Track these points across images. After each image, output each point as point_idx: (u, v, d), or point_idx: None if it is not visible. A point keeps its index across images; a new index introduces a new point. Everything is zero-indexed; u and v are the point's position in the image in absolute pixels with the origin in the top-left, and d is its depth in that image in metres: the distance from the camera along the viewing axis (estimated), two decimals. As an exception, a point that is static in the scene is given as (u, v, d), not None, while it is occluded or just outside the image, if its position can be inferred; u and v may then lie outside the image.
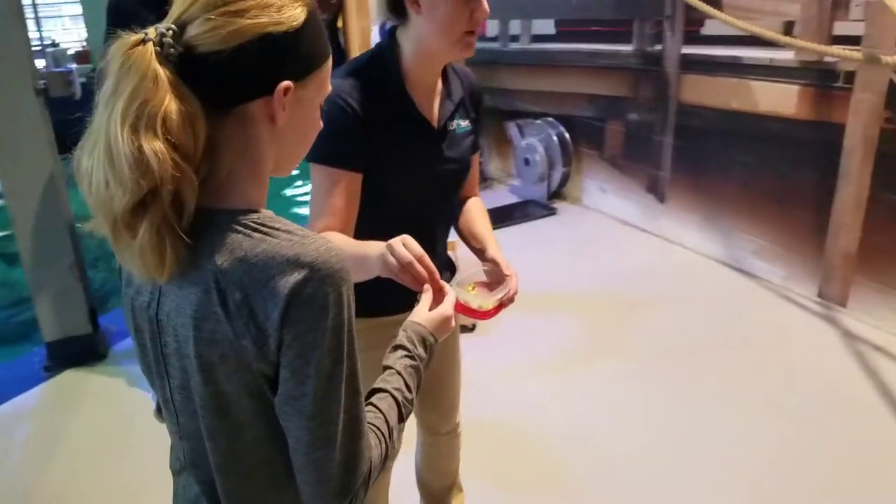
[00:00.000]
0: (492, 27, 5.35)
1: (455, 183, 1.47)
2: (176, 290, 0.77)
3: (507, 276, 1.34)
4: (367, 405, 0.88)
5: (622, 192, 4.60)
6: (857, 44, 2.94)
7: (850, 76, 3.03)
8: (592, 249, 4.21)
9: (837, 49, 2.78)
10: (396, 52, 1.34)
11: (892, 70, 2.79)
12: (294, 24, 0.76)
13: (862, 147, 3.03)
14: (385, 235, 1.16)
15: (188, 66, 0.73)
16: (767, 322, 3.26)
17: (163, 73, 0.71)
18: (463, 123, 1.44)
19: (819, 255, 3.31)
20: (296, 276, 0.73)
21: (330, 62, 0.84)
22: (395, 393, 0.92)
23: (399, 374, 0.94)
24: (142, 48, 0.71)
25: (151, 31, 0.72)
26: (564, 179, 4.96)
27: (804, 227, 3.38)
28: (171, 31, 0.72)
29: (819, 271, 3.33)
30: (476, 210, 1.55)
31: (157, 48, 0.71)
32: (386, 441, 0.87)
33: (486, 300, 1.28)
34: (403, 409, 0.92)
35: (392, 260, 1.11)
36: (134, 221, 0.71)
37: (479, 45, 1.33)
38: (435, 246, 1.47)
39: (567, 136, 4.87)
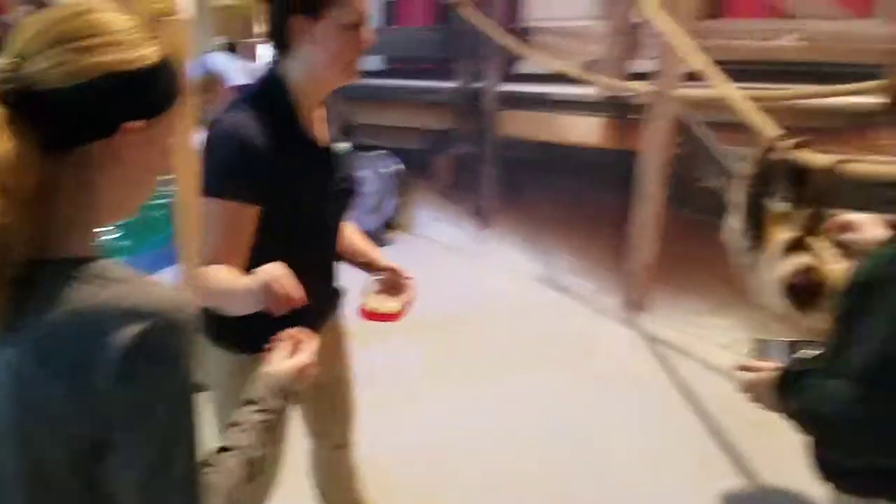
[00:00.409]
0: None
1: (348, 202, 1.52)
2: (6, 342, 0.69)
3: (406, 278, 1.48)
4: (215, 463, 0.83)
5: (452, 219, 4.77)
6: (651, 79, 3.36)
7: (643, 109, 3.44)
8: (426, 275, 4.25)
9: (631, 84, 3.16)
10: (285, 82, 1.35)
11: (679, 103, 3.21)
12: (144, 63, 0.74)
13: (656, 170, 3.44)
14: (290, 263, 1.20)
15: (26, 103, 0.68)
16: (579, 331, 3.50)
17: None
18: (342, 145, 1.49)
19: (623, 268, 3.66)
20: (134, 329, 0.68)
21: (181, 103, 0.81)
22: (247, 451, 0.87)
23: (250, 430, 0.90)
24: None
25: None
26: (398, 210, 5.05)
27: (611, 243, 3.73)
28: (9, 66, 0.68)
29: (623, 282, 3.67)
30: (351, 230, 1.60)
31: None
32: (225, 500, 0.81)
33: (393, 303, 1.42)
34: (254, 468, 0.88)
35: (273, 289, 1.16)
36: None
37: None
38: (332, 270, 1.53)
39: (400, 167, 4.99)
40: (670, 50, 3.05)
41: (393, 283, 1.50)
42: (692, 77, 3.07)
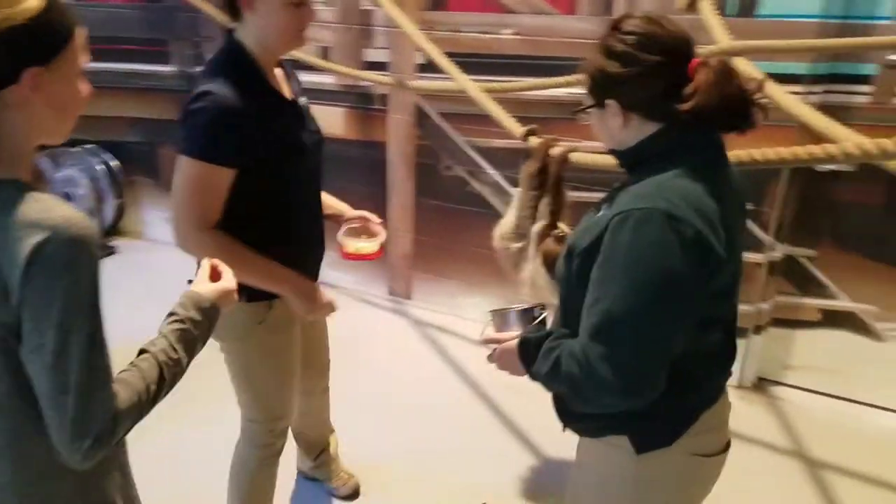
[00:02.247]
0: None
1: (321, 149, 1.70)
2: None
3: (376, 222, 1.76)
4: (132, 364, 0.98)
5: (187, 219, 4.34)
6: (387, 69, 3.36)
7: (384, 99, 3.45)
8: (167, 285, 3.86)
9: (368, 74, 3.12)
10: (244, 47, 1.51)
11: (417, 94, 3.27)
12: (28, 14, 0.83)
13: (402, 161, 3.50)
14: (286, 221, 1.59)
15: None
16: (351, 324, 3.50)
17: None
18: (304, 99, 1.67)
19: (384, 258, 3.70)
20: (37, 238, 0.82)
21: (79, 32, 0.92)
22: (158, 354, 1.01)
23: (165, 336, 1.04)
24: None
25: None
26: (120, 213, 4.44)
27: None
28: None
29: (386, 272, 3.73)
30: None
31: None
32: (140, 395, 0.95)
33: (371, 244, 1.65)
34: (165, 368, 1.00)
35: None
36: None
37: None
38: (321, 219, 1.74)
39: (115, 164, 4.37)
40: (403, 38, 3.06)
41: (364, 228, 1.75)
42: (425, 68, 3.14)
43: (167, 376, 1.00)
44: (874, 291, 2.74)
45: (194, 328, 1.07)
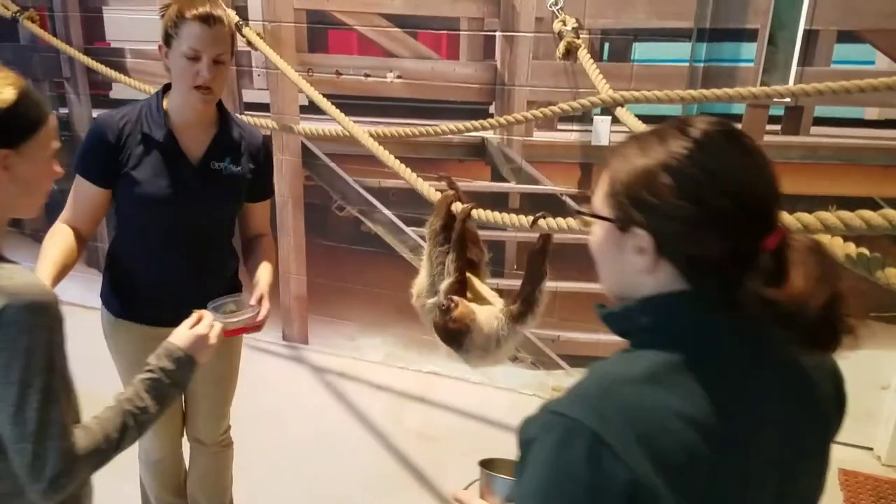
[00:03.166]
0: None
1: (213, 214, 1.78)
2: None
3: (250, 305, 1.69)
4: (98, 414, 1.09)
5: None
6: (269, 109, 3.21)
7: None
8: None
9: (249, 117, 2.96)
10: (163, 96, 1.72)
11: (303, 135, 3.14)
12: (2, 105, 0.96)
13: (292, 202, 3.36)
14: (147, 243, 1.76)
15: None
16: (242, 372, 3.32)
17: None
18: (234, 168, 1.75)
19: (277, 303, 3.54)
20: (0, 303, 0.93)
21: (50, 122, 1.04)
22: (124, 402, 1.11)
23: (133, 386, 1.15)
24: None
25: None
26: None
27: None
28: None
29: (279, 316, 3.57)
30: (265, 249, 1.88)
31: None
32: (99, 442, 1.05)
33: (225, 320, 1.55)
34: (129, 416, 1.10)
35: None
36: None
37: None
38: (207, 266, 1.79)
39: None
40: (283, 80, 2.95)
41: (243, 306, 1.71)
42: (309, 108, 3.02)
43: (131, 423, 1.10)
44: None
45: (165, 377, 1.18)
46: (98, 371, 1.82)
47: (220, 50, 1.62)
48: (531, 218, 1.59)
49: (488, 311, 1.60)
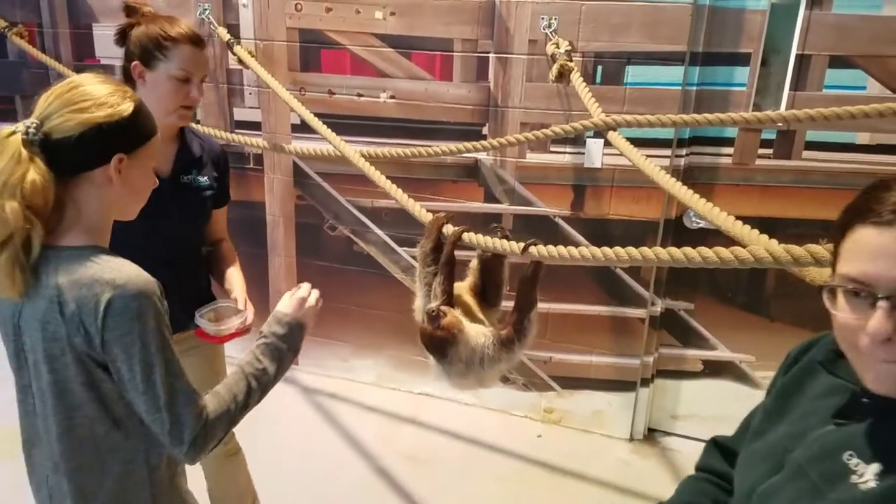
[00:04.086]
0: None
1: (185, 228, 1.79)
2: (30, 303, 1.11)
3: (238, 311, 1.73)
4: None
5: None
6: (260, 128, 3.19)
7: (259, 158, 3.28)
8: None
9: (242, 136, 2.95)
10: None
11: (294, 155, 3.12)
12: (124, 114, 1.11)
13: (283, 221, 3.33)
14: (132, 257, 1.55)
15: (47, 147, 1.07)
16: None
17: (26, 153, 1.04)
18: (202, 179, 1.77)
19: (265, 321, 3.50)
20: (110, 293, 1.06)
21: (157, 136, 1.19)
22: (245, 366, 1.24)
23: (252, 352, 1.27)
24: (13, 137, 1.05)
25: (20, 126, 1.06)
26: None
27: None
28: (33, 125, 1.06)
29: (270, 338, 3.53)
30: (228, 254, 1.93)
31: (24, 136, 1.05)
32: (228, 404, 1.18)
33: (218, 328, 1.66)
34: (250, 378, 1.23)
35: None
36: None
37: None
38: (179, 276, 1.64)
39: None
40: (275, 98, 2.93)
41: (231, 312, 1.73)
42: (301, 128, 3.00)
43: (254, 385, 1.23)
44: (750, 341, 2.86)
45: (278, 340, 1.29)
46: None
47: (207, 71, 1.67)
48: (522, 244, 1.57)
49: (477, 328, 1.58)
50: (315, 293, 1.42)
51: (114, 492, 1.18)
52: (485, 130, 2.89)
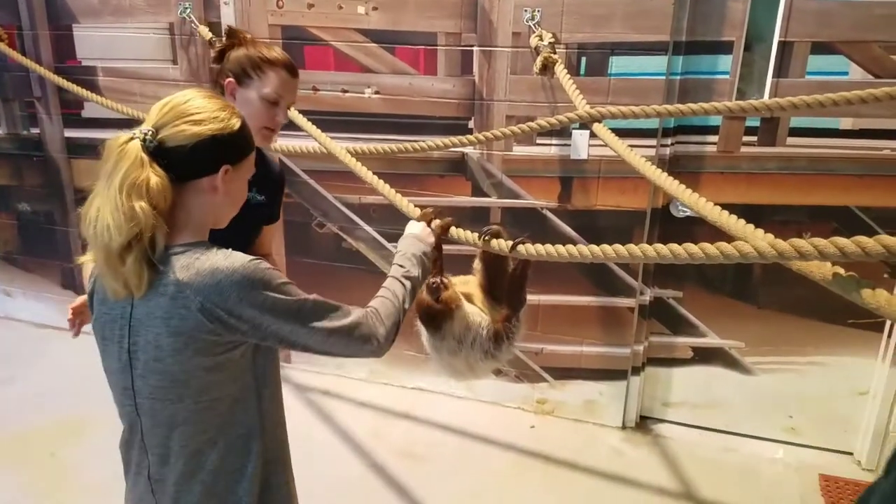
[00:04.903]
0: None
1: (239, 242, 1.72)
2: (145, 302, 1.16)
3: None
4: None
5: (33, 292, 3.94)
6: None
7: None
8: (16, 367, 3.47)
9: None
10: None
11: (280, 153, 3.10)
12: (233, 129, 1.20)
13: (269, 220, 3.31)
14: None
15: (162, 154, 1.14)
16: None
17: (146, 158, 1.12)
18: (259, 197, 1.77)
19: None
20: (232, 276, 1.14)
21: (254, 151, 1.28)
22: (393, 272, 1.43)
23: (393, 265, 1.46)
24: (132, 143, 1.13)
25: (137, 132, 1.14)
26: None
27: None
28: (150, 133, 1.14)
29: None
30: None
31: (142, 143, 1.13)
32: (392, 300, 1.35)
33: None
34: (403, 280, 1.41)
35: None
36: (125, 255, 1.12)
37: None
38: None
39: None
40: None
41: None
42: (284, 126, 2.98)
43: (407, 285, 1.40)
44: (739, 328, 2.88)
45: (410, 248, 1.49)
46: (87, 393, 1.76)
47: (295, 98, 1.74)
48: (510, 243, 1.58)
49: (474, 309, 1.59)
50: (433, 223, 1.60)
51: (224, 452, 1.25)
52: (471, 124, 2.88)
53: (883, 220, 2.60)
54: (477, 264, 1.75)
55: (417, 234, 1.54)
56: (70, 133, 3.60)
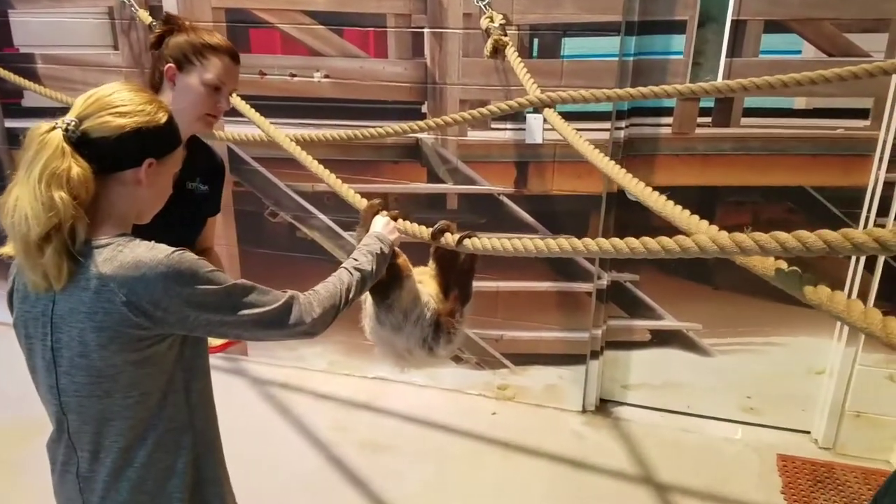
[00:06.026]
0: None
1: (184, 234, 1.73)
2: (67, 296, 1.13)
3: None
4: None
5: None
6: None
7: (192, 146, 3.15)
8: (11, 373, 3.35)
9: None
10: None
11: (225, 141, 3.00)
12: (159, 122, 1.18)
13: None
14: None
15: (84, 144, 1.12)
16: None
17: (68, 148, 1.10)
18: (202, 187, 1.76)
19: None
20: (157, 269, 1.12)
21: (181, 147, 1.27)
22: (344, 264, 1.45)
23: (350, 257, 1.48)
24: (54, 132, 1.11)
25: (60, 122, 1.12)
26: None
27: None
28: (73, 123, 1.12)
29: (217, 329, 3.44)
30: (215, 262, 1.83)
31: (64, 133, 1.11)
32: (335, 284, 1.36)
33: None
34: (352, 270, 1.42)
35: None
36: (43, 245, 1.09)
37: None
38: None
39: None
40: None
41: None
42: (231, 112, 2.89)
43: (353, 270, 1.41)
44: (696, 310, 2.88)
45: (371, 242, 1.50)
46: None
47: (237, 85, 1.71)
48: (458, 236, 1.53)
49: (425, 290, 1.56)
50: (392, 220, 1.62)
51: (153, 448, 1.24)
52: (424, 108, 2.81)
53: (837, 199, 2.60)
54: (430, 260, 1.72)
55: (378, 232, 1.55)
56: (10, 123, 3.45)
